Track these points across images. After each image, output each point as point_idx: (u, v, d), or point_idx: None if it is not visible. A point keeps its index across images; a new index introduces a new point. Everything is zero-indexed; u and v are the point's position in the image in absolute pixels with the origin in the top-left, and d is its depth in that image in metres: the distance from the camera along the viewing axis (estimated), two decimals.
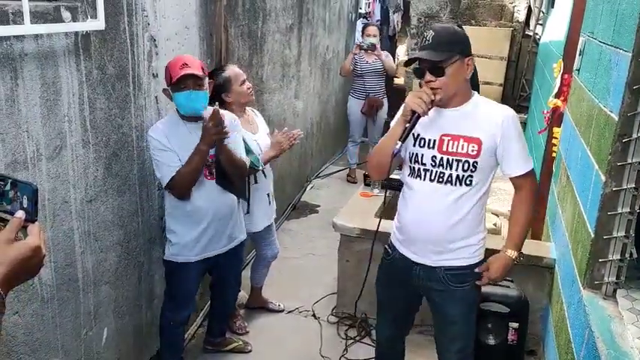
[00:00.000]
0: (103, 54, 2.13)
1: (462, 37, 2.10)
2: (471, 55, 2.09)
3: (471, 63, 2.08)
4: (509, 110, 2.11)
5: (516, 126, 2.10)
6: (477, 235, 2.19)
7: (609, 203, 2.08)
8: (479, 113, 2.10)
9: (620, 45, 2.10)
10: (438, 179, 2.12)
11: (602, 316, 2.04)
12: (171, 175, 2.37)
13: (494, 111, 2.10)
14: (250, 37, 3.73)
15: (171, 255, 2.57)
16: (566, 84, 3.47)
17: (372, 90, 5.72)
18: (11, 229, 0.94)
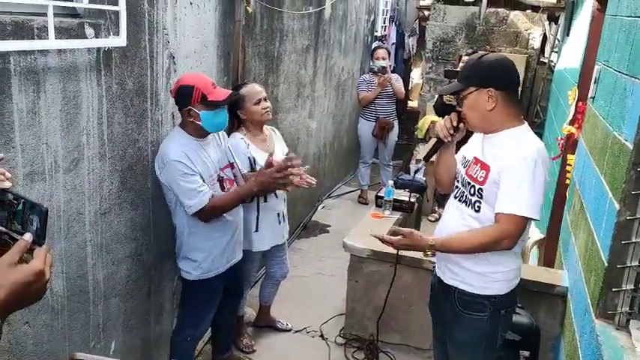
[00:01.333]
0: (123, 70, 2.17)
1: (483, 68, 2.06)
2: (494, 86, 2.02)
3: (493, 94, 2.02)
4: (528, 151, 1.99)
5: (525, 168, 1.97)
6: (493, 266, 2.10)
7: (623, 232, 2.06)
8: (504, 144, 2.06)
9: (635, 74, 2.10)
10: (460, 198, 2.18)
11: (614, 346, 2.01)
12: (204, 205, 2.36)
13: (517, 145, 2.03)
14: (267, 56, 3.78)
15: (202, 273, 2.54)
16: (581, 111, 3.47)
17: (382, 112, 5.75)
18: (15, 252, 0.91)
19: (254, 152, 2.91)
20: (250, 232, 2.99)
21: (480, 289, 2.12)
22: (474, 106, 2.06)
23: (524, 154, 1.99)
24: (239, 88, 2.94)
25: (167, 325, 2.80)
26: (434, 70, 7.93)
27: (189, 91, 2.34)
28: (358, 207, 5.85)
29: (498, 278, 2.11)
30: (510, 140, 2.06)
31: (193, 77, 2.40)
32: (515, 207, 1.96)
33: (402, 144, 8.83)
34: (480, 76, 2.05)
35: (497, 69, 2.06)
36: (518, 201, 1.96)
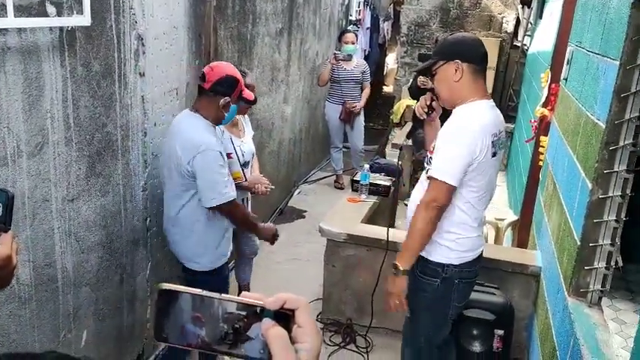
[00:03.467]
0: (88, 51, 2.10)
1: (449, 43, 2.21)
2: (460, 58, 2.12)
3: (459, 66, 2.11)
4: (463, 122, 2.09)
5: (454, 136, 2.08)
6: (443, 234, 2.17)
7: (596, 211, 2.08)
8: (456, 113, 2.17)
9: (608, 53, 2.11)
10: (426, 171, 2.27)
11: (587, 323, 2.03)
12: (233, 198, 2.39)
13: (460, 115, 2.13)
14: (240, 39, 3.71)
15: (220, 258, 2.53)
16: (554, 93, 3.49)
17: (348, 96, 5.72)
18: None
19: (228, 138, 2.89)
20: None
21: (433, 255, 2.21)
22: (442, 78, 2.17)
23: (459, 124, 2.10)
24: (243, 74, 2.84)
25: (141, 313, 2.75)
26: (409, 55, 7.93)
27: (235, 82, 2.37)
28: (334, 192, 5.84)
29: (450, 247, 2.19)
30: (462, 111, 2.14)
31: (234, 70, 2.42)
32: (435, 171, 2.08)
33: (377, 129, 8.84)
34: (447, 50, 2.18)
35: (462, 42, 2.19)
36: (438, 165, 2.08)
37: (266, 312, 0.61)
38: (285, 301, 0.62)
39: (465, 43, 2.18)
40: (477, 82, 2.15)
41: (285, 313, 0.61)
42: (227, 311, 0.61)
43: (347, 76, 5.62)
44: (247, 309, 0.61)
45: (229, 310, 0.61)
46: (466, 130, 2.06)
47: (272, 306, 0.61)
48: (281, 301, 0.62)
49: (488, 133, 2.08)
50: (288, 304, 0.62)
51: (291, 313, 0.62)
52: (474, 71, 2.13)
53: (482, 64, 2.17)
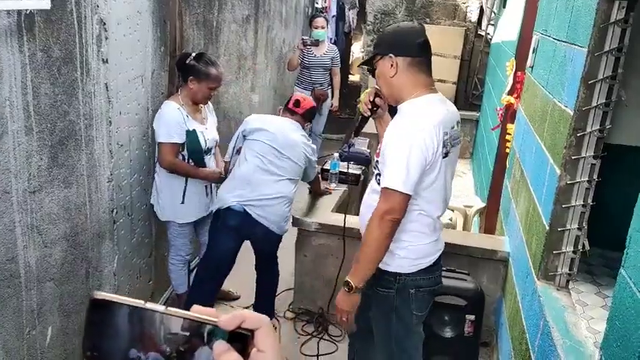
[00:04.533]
0: (48, 36, 2.00)
1: (387, 36, 2.04)
2: (393, 52, 1.95)
3: (394, 60, 1.95)
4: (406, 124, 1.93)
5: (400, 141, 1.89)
6: (395, 243, 1.98)
7: (563, 196, 2.12)
8: (399, 114, 2.03)
9: (575, 41, 2.14)
10: (375, 176, 2.10)
11: (556, 306, 2.08)
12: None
13: (402, 116, 1.99)
14: (205, 25, 3.63)
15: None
16: (519, 81, 3.55)
17: (317, 82, 5.72)
18: None
19: (192, 124, 2.84)
20: (176, 203, 2.93)
21: (385, 265, 2.03)
22: (380, 74, 2.02)
23: (404, 124, 1.93)
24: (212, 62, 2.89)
25: None
26: None
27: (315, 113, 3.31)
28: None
29: (401, 255, 2.03)
30: (406, 108, 1.99)
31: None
32: (387, 180, 1.88)
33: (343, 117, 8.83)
34: (382, 43, 2.02)
35: (395, 34, 2.02)
36: (390, 174, 1.88)
37: (219, 332, 0.51)
38: (243, 319, 0.52)
39: (398, 35, 2.00)
40: (416, 76, 1.97)
41: (243, 334, 0.52)
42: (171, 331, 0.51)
43: (316, 62, 5.60)
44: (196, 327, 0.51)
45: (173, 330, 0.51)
46: (413, 131, 1.87)
47: (227, 325, 0.51)
48: (238, 320, 0.52)
49: (439, 132, 1.90)
50: (246, 324, 0.52)
51: (249, 334, 0.52)
52: (412, 64, 1.96)
53: (422, 55, 1.98)
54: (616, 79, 1.91)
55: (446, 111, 1.98)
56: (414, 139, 1.86)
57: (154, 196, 2.99)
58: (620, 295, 1.31)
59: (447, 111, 1.99)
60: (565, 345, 1.82)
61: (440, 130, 1.90)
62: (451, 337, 2.59)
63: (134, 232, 2.89)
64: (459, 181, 6.45)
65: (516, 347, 2.45)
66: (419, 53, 1.97)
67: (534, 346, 2.12)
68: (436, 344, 2.61)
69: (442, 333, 2.60)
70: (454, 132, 2.01)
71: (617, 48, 1.87)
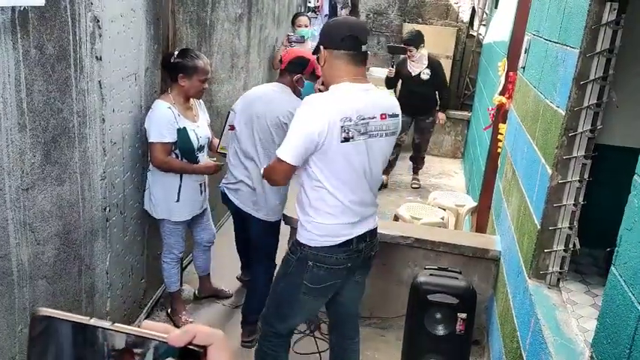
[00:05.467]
0: (42, 32, 1.99)
1: (322, 30, 2.21)
2: (322, 45, 2.13)
3: (323, 53, 2.13)
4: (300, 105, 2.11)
5: (293, 119, 2.10)
6: (303, 215, 2.20)
7: (555, 195, 2.15)
8: None
9: (567, 42, 2.17)
10: None
11: (547, 304, 2.10)
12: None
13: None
14: (199, 24, 3.62)
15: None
16: (511, 81, 3.58)
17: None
18: None
19: (183, 123, 2.84)
20: (170, 201, 2.94)
21: (298, 234, 2.24)
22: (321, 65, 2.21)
23: (304, 104, 2.09)
24: (193, 55, 2.89)
25: (100, 306, 2.67)
26: None
27: (303, 61, 2.92)
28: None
29: (307, 228, 2.19)
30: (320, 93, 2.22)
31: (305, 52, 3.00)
32: (278, 149, 2.11)
33: None
34: (320, 36, 2.20)
35: (326, 29, 2.18)
36: (282, 146, 2.08)
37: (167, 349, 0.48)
38: (194, 335, 0.49)
39: (328, 29, 2.16)
40: (342, 66, 2.07)
41: (194, 351, 0.48)
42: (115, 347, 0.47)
43: None
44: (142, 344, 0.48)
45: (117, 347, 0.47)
46: (307, 110, 2.03)
47: (176, 342, 0.48)
48: (189, 336, 0.49)
49: (335, 116, 1.99)
50: (198, 340, 0.49)
51: (201, 350, 0.49)
52: (337, 56, 2.07)
53: (346, 48, 2.06)
54: (607, 80, 1.93)
55: (366, 100, 2.08)
56: (304, 116, 2.03)
57: (147, 195, 2.99)
58: (610, 293, 1.33)
59: (368, 100, 2.08)
60: (556, 343, 1.84)
61: (336, 114, 2.00)
62: (443, 335, 2.60)
63: (126, 231, 2.89)
64: (450, 181, 6.49)
65: (507, 345, 2.47)
66: (343, 46, 2.07)
67: (525, 344, 2.15)
68: (428, 342, 2.63)
69: (434, 331, 2.61)
70: (378, 123, 2.10)
71: (609, 49, 1.90)
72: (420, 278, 2.64)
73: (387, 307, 3.26)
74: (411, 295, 2.67)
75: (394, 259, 3.20)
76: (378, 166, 2.19)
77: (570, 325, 1.96)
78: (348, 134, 2.01)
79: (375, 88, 2.20)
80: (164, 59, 2.94)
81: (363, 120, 2.04)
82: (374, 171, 2.17)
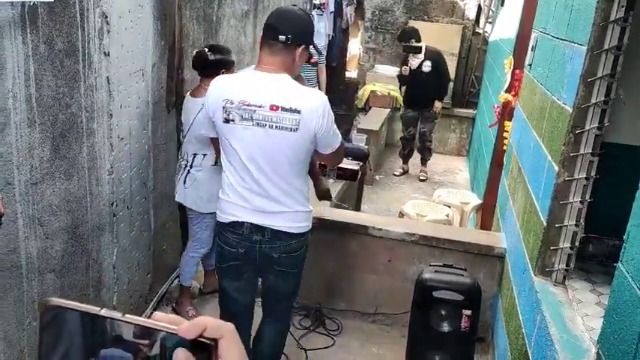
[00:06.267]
0: (51, 28, 2.00)
1: None
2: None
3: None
4: None
5: None
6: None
7: (561, 193, 2.15)
8: None
9: (574, 39, 2.17)
10: None
11: (553, 301, 2.11)
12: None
13: None
14: (205, 20, 3.63)
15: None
16: (518, 79, 3.57)
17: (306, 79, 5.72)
18: None
19: None
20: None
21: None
22: None
23: None
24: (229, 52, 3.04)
25: (107, 299, 2.69)
26: (373, 40, 7.94)
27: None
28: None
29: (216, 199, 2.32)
30: None
31: None
32: None
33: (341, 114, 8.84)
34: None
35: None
36: None
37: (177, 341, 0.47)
38: (204, 327, 0.48)
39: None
40: (260, 54, 2.18)
41: (205, 344, 0.48)
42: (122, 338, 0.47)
43: None
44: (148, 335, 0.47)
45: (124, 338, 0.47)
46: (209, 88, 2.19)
47: (187, 334, 0.47)
48: (199, 328, 0.48)
49: (219, 96, 2.09)
50: (208, 332, 0.48)
51: (212, 343, 0.48)
52: (261, 43, 2.17)
53: (266, 35, 2.14)
54: (615, 77, 1.93)
55: (257, 88, 2.08)
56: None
57: (190, 191, 2.99)
58: (617, 289, 1.33)
59: (259, 89, 2.08)
60: (562, 340, 1.84)
61: (219, 96, 2.09)
62: (447, 332, 2.61)
63: (133, 226, 2.90)
64: (455, 178, 6.49)
65: (512, 342, 2.48)
66: (264, 34, 2.15)
67: (531, 340, 2.15)
68: (433, 339, 2.63)
69: (439, 328, 2.62)
70: (266, 113, 2.05)
71: (617, 46, 1.89)
72: (426, 275, 2.64)
73: (391, 304, 3.27)
74: (416, 291, 2.68)
75: (399, 256, 3.20)
76: (273, 159, 2.11)
77: (576, 323, 1.96)
78: (228, 116, 2.07)
79: (288, 80, 2.10)
80: (197, 59, 2.98)
81: (246, 106, 2.05)
82: (266, 164, 2.12)
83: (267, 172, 2.13)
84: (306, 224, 2.27)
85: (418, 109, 5.97)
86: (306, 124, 2.05)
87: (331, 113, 2.12)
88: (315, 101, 2.08)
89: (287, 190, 2.18)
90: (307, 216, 2.26)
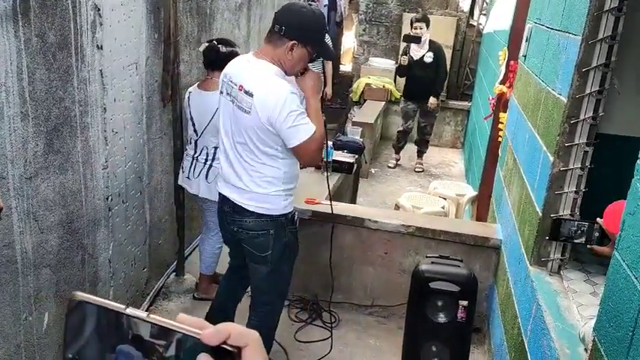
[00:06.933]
0: (43, 20, 1.99)
1: None
2: None
3: None
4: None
5: None
6: None
7: (556, 183, 2.15)
8: None
9: (569, 29, 2.17)
10: None
11: (548, 291, 2.12)
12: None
13: None
14: (199, 13, 3.61)
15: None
16: (512, 70, 3.57)
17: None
18: None
19: None
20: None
21: None
22: None
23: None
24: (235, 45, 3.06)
25: (103, 295, 2.68)
26: (367, 33, 7.92)
27: None
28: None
29: None
30: None
31: None
32: None
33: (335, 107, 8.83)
34: None
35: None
36: None
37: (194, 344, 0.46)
38: (228, 334, 0.47)
39: None
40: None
41: (228, 351, 0.46)
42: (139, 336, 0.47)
43: None
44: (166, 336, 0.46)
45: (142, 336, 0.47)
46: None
47: (210, 340, 0.46)
48: (223, 335, 0.46)
49: (224, 73, 2.31)
50: (232, 339, 0.47)
51: (235, 351, 0.47)
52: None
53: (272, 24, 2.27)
54: (609, 67, 1.93)
55: (241, 69, 2.24)
56: None
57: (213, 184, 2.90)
58: (613, 277, 1.34)
59: (241, 70, 2.24)
60: (558, 328, 1.85)
61: (225, 71, 2.31)
62: (444, 322, 2.62)
63: (129, 220, 2.89)
64: (450, 170, 6.50)
65: (508, 332, 2.49)
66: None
67: (527, 330, 2.16)
68: (429, 330, 2.64)
69: (435, 319, 2.62)
70: (236, 92, 2.20)
71: (611, 36, 1.90)
72: (422, 266, 2.64)
73: (388, 296, 3.28)
74: (412, 282, 2.68)
75: (396, 248, 3.21)
76: (238, 136, 2.24)
77: (572, 312, 1.98)
78: (223, 89, 2.29)
79: (264, 66, 2.19)
80: (210, 53, 2.99)
81: (230, 82, 2.23)
82: (235, 139, 2.26)
83: (235, 147, 2.27)
84: (267, 206, 2.29)
85: (418, 102, 5.92)
86: (257, 110, 2.13)
87: (290, 108, 2.11)
88: (271, 91, 2.13)
89: (249, 171, 2.27)
90: (267, 199, 2.28)
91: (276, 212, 2.30)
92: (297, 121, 2.13)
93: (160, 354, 0.46)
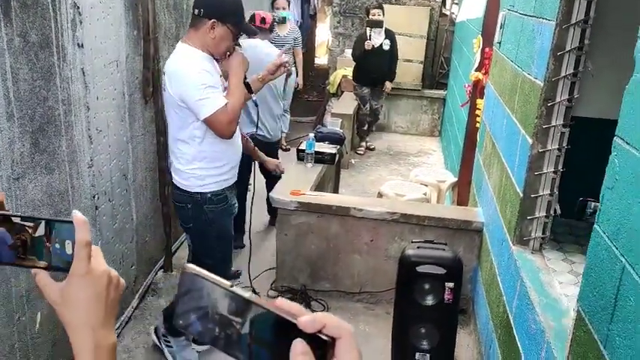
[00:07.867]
0: (24, 20, 1.98)
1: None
2: None
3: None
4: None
5: None
6: None
7: (536, 164, 2.23)
8: None
9: (542, 14, 2.24)
10: None
11: (531, 268, 2.20)
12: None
13: None
14: (176, 9, 3.60)
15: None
16: (488, 57, 3.65)
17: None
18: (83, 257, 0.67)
19: None
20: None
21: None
22: None
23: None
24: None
25: None
26: (342, 25, 7.95)
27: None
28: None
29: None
30: None
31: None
32: None
33: (312, 100, 8.86)
34: None
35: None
36: None
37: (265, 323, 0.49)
38: (323, 325, 0.48)
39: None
40: None
41: (322, 340, 0.47)
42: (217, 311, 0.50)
43: (280, 42, 5.61)
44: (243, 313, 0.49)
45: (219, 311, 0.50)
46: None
47: (306, 327, 0.47)
48: (319, 325, 0.47)
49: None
50: (327, 330, 0.48)
51: (330, 340, 0.47)
52: None
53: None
54: (583, 50, 2.01)
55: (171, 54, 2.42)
56: None
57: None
58: (595, 249, 1.41)
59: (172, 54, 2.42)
60: (542, 303, 1.93)
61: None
62: (432, 305, 2.69)
63: (115, 218, 2.89)
64: (429, 159, 6.60)
65: (494, 310, 2.57)
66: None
67: (512, 306, 2.24)
68: (418, 313, 2.70)
69: (423, 301, 2.69)
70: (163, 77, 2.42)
71: (584, 20, 1.97)
72: (409, 251, 2.71)
73: (375, 282, 3.34)
74: (400, 267, 2.74)
75: (381, 235, 3.27)
76: (168, 116, 2.47)
77: (554, 287, 2.06)
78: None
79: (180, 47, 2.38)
80: None
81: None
82: (168, 120, 2.48)
83: (168, 125, 2.50)
84: (184, 183, 2.47)
85: (369, 86, 6.28)
86: (169, 85, 2.32)
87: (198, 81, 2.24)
88: (179, 66, 2.30)
89: (173, 148, 2.49)
90: (183, 175, 2.46)
91: (191, 189, 2.46)
92: (204, 95, 2.25)
93: (236, 330, 0.49)
